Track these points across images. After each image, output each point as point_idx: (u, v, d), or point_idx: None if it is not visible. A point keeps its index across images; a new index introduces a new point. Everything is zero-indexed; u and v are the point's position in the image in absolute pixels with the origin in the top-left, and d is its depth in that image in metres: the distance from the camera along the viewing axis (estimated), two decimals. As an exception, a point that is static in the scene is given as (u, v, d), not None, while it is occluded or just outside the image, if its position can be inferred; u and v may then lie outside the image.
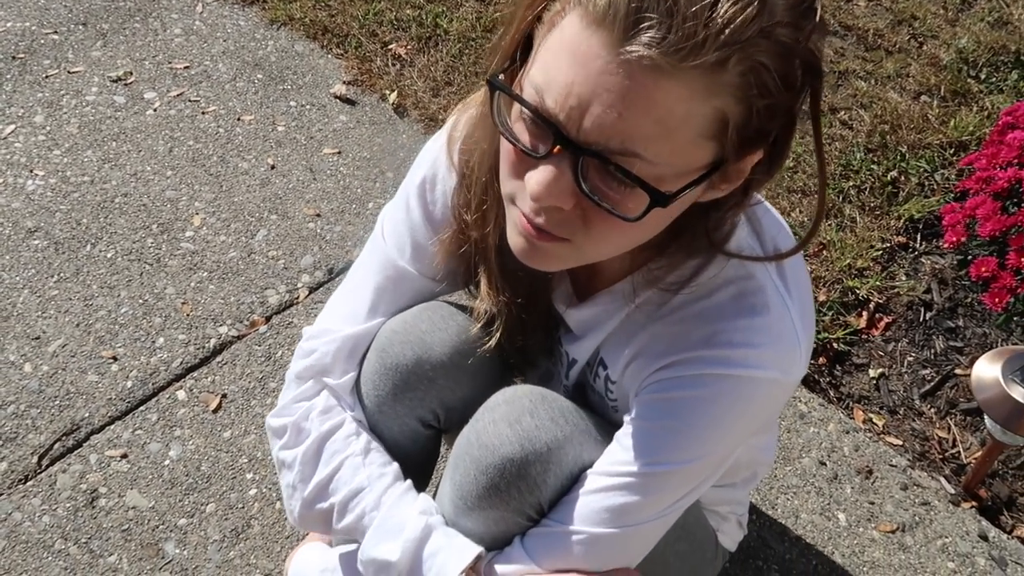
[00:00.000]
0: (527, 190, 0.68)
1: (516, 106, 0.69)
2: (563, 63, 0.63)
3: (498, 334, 0.96)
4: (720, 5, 0.57)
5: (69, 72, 2.48)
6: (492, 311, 0.95)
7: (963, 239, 1.72)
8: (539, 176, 0.67)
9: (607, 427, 0.89)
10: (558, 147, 0.65)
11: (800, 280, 0.83)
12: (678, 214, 0.73)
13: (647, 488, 0.83)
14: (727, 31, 0.57)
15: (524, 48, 0.71)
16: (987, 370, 1.45)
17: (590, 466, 0.88)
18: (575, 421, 0.89)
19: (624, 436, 0.85)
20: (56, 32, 2.62)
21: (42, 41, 2.58)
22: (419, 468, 1.14)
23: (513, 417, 0.86)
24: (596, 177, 0.66)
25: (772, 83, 0.61)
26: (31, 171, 2.17)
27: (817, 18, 0.63)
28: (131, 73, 2.49)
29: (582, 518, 0.85)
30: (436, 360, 0.98)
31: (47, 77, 2.46)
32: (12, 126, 2.29)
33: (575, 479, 0.87)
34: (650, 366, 0.84)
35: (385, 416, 1.01)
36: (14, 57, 2.51)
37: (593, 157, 0.64)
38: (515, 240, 0.75)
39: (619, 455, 0.85)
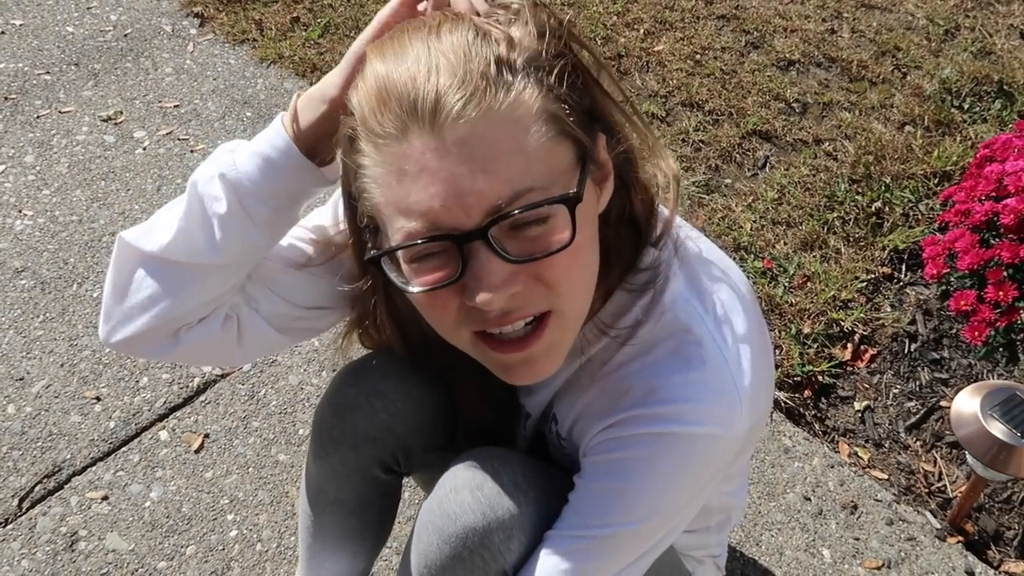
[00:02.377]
0: (481, 304, 0.67)
1: (405, 265, 0.71)
2: (408, 187, 0.66)
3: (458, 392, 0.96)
4: (475, 50, 0.65)
5: (60, 112, 2.51)
6: (443, 365, 0.94)
7: (944, 271, 1.72)
8: (476, 284, 0.67)
9: (569, 484, 0.89)
10: (465, 247, 0.66)
11: (742, 328, 0.82)
12: (598, 228, 0.75)
13: (600, 550, 0.83)
14: (495, 66, 0.66)
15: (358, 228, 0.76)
16: (967, 405, 1.44)
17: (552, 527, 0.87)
18: (539, 483, 0.88)
19: (575, 498, 0.85)
20: (48, 72, 2.65)
21: (34, 81, 2.61)
22: (383, 513, 1.13)
23: (475, 484, 0.86)
24: (513, 241, 0.68)
25: (547, 64, 0.69)
26: (20, 211, 2.18)
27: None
28: (121, 112, 2.52)
29: None
30: (392, 407, 0.98)
31: (38, 117, 2.48)
32: (2, 166, 2.31)
33: (539, 542, 0.87)
34: (594, 426, 0.84)
35: (347, 467, 1.01)
36: (6, 97, 2.54)
37: (500, 222, 0.65)
38: (501, 370, 0.76)
39: (572, 518, 0.85)
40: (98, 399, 1.76)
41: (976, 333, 1.58)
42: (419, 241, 0.67)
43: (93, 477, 1.63)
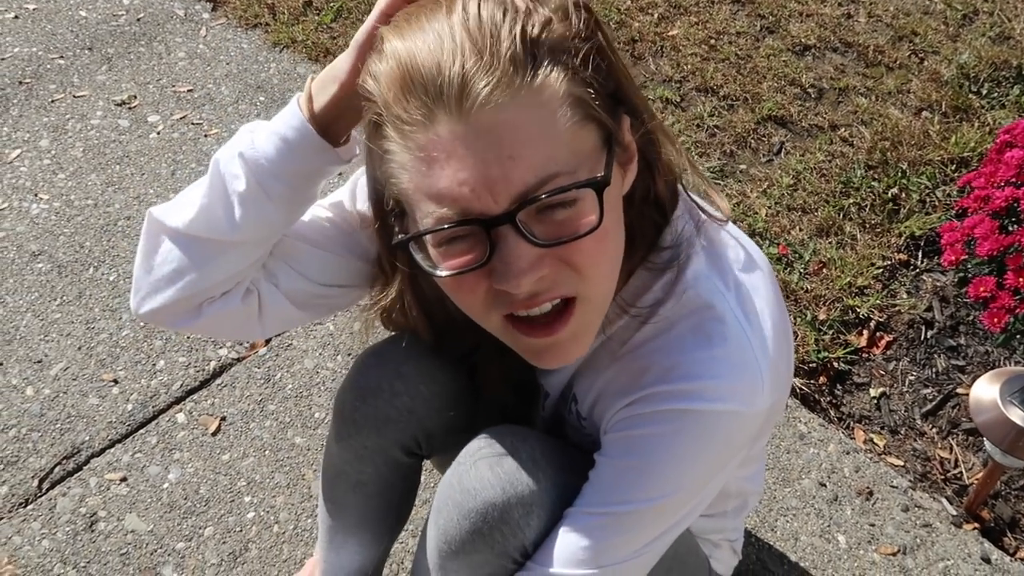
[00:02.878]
0: (510, 285, 0.68)
1: (432, 249, 0.71)
2: (436, 172, 0.66)
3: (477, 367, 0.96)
4: (502, 32, 0.64)
5: (74, 96, 2.51)
6: (467, 346, 0.95)
7: (962, 258, 1.71)
8: (504, 268, 0.67)
9: (588, 463, 0.89)
10: (493, 231, 0.66)
11: (764, 307, 0.82)
12: (622, 209, 0.75)
13: (620, 527, 0.83)
14: (519, 26, 0.65)
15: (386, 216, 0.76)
16: (985, 392, 1.44)
17: (572, 503, 0.87)
18: (558, 461, 0.89)
19: (595, 476, 0.85)
20: (62, 57, 2.65)
21: (48, 66, 2.61)
22: (404, 496, 1.14)
23: (495, 459, 0.86)
24: (541, 225, 0.68)
25: (576, 44, 0.68)
26: (36, 195, 2.19)
27: None
28: (135, 97, 2.52)
29: (562, 560, 0.84)
30: (414, 390, 0.98)
31: (53, 101, 2.49)
32: (18, 150, 2.32)
33: (558, 519, 0.87)
34: (615, 404, 0.84)
35: (368, 450, 1.02)
36: (21, 82, 2.54)
37: (528, 206, 0.65)
38: (531, 354, 0.77)
39: (592, 495, 0.85)
40: (115, 382, 1.77)
41: (995, 320, 1.57)
42: (447, 226, 0.67)
43: (111, 459, 1.64)
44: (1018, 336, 1.65)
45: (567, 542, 0.85)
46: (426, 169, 0.66)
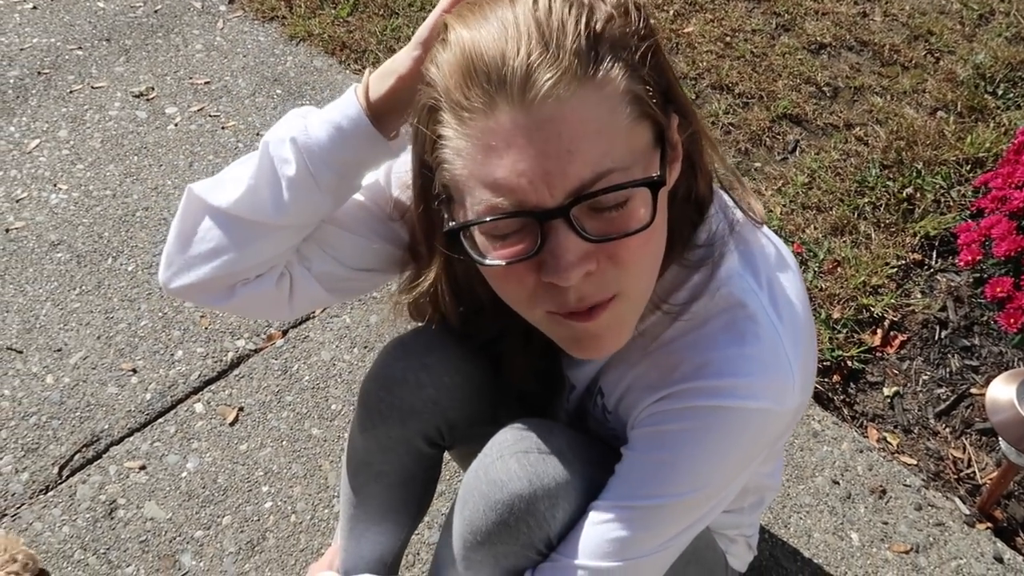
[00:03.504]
0: (557, 280, 0.68)
1: (480, 237, 0.71)
2: (493, 160, 0.66)
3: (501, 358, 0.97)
4: (567, 25, 0.65)
5: (93, 87, 2.53)
6: (493, 333, 0.95)
7: (978, 258, 1.72)
8: (554, 261, 0.68)
9: (613, 456, 0.90)
10: (546, 224, 0.67)
11: (795, 306, 0.83)
12: (667, 208, 0.76)
13: (646, 521, 0.84)
14: (584, 20, 0.65)
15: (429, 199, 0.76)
16: (1002, 391, 1.44)
17: (597, 497, 0.88)
18: (583, 454, 0.89)
19: (622, 469, 0.86)
20: (80, 48, 2.67)
21: (67, 57, 2.63)
22: (426, 486, 1.15)
23: (521, 452, 0.87)
24: (593, 221, 0.68)
25: (634, 41, 0.69)
26: (55, 185, 2.21)
27: None
28: (153, 88, 2.53)
29: (587, 552, 0.85)
30: (438, 381, 1.00)
31: (71, 92, 2.50)
32: (37, 140, 2.34)
33: (583, 512, 0.88)
34: (644, 399, 0.85)
35: (392, 440, 1.03)
36: (39, 72, 2.56)
37: (581, 202, 0.66)
38: (569, 344, 0.77)
39: (619, 488, 0.86)
40: (134, 371, 1.79)
41: (1011, 320, 1.57)
42: (502, 215, 0.67)
43: (131, 447, 1.66)
44: (1034, 337, 1.65)
45: (592, 535, 0.86)
46: (483, 157, 0.67)
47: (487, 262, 0.71)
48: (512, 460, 0.87)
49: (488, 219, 0.68)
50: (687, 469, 0.82)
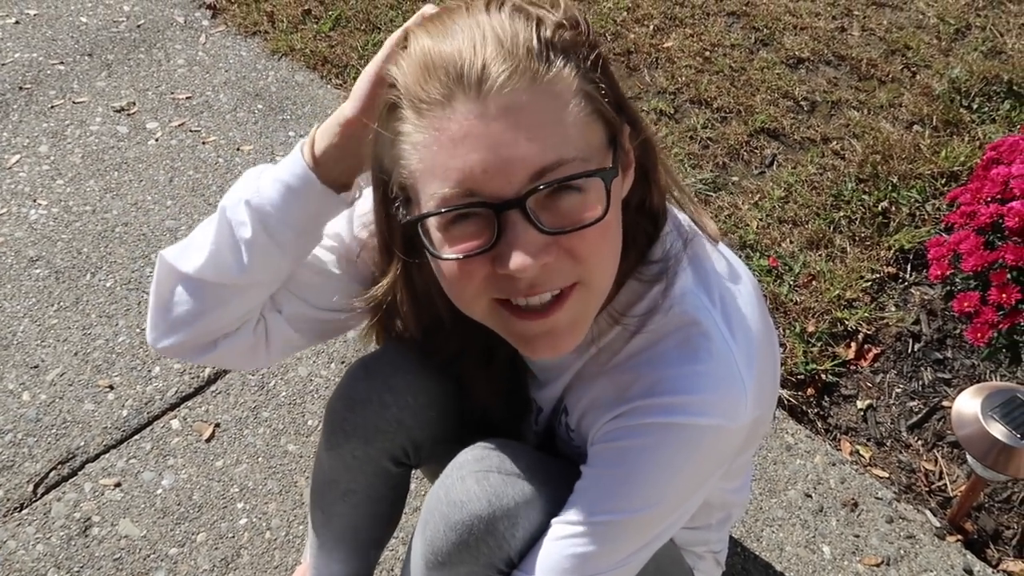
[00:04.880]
0: (513, 270, 0.69)
1: (434, 231, 0.72)
2: (450, 153, 0.68)
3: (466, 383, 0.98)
4: (520, 31, 0.68)
5: (74, 102, 2.53)
6: (453, 350, 0.96)
7: (948, 272, 1.74)
8: (510, 251, 0.68)
9: (575, 475, 0.91)
10: (502, 215, 0.68)
11: (748, 322, 0.84)
12: (619, 215, 0.78)
13: (604, 537, 0.85)
14: (536, 23, 0.69)
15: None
16: (967, 406, 1.46)
17: (557, 515, 0.89)
18: (543, 474, 0.90)
19: (580, 487, 0.87)
20: (62, 63, 2.67)
21: (48, 72, 2.64)
22: (393, 504, 1.16)
23: (481, 473, 0.88)
24: (547, 213, 0.70)
25: (584, 48, 0.72)
26: (34, 200, 2.21)
27: None
28: (134, 103, 2.54)
29: (546, 569, 0.86)
30: (402, 401, 1.01)
31: (52, 107, 2.51)
32: (17, 156, 2.34)
33: (544, 530, 0.89)
34: (602, 417, 0.86)
35: (358, 460, 1.04)
36: (21, 87, 2.56)
37: (537, 192, 0.67)
38: (530, 344, 0.77)
39: (577, 505, 0.87)
40: (111, 388, 1.79)
41: (979, 335, 1.59)
42: (457, 207, 0.69)
43: (106, 464, 1.66)
44: (1003, 350, 1.67)
45: (552, 551, 0.87)
46: (439, 148, 0.68)
47: (443, 256, 0.72)
48: (472, 481, 0.88)
49: (443, 210, 0.69)
50: (642, 485, 0.83)
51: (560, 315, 0.74)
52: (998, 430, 1.40)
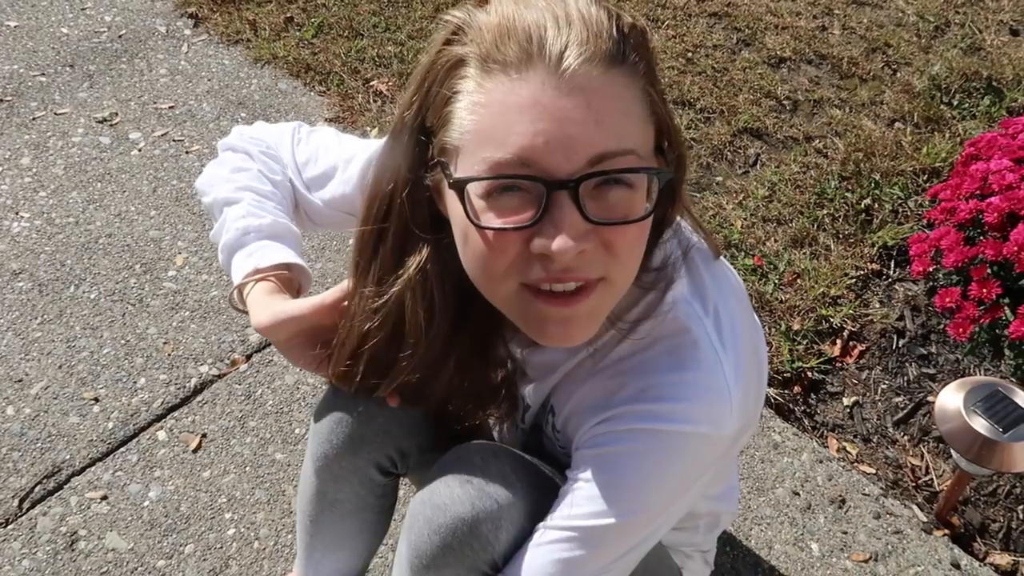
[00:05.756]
0: (552, 250, 0.67)
1: (473, 201, 0.70)
2: (515, 119, 0.66)
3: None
4: (602, 19, 0.69)
5: (56, 114, 2.52)
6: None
7: (930, 269, 1.75)
8: (553, 231, 0.67)
9: (560, 477, 0.91)
10: (553, 194, 0.67)
11: (739, 334, 0.84)
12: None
13: (588, 542, 0.85)
14: (613, 20, 0.70)
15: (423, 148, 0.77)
16: (950, 401, 1.47)
17: (542, 519, 0.89)
18: (526, 476, 0.91)
19: (566, 490, 0.87)
20: (43, 74, 2.66)
21: (29, 83, 2.62)
22: (381, 513, 1.16)
23: (465, 476, 0.88)
24: (594, 203, 0.69)
25: (647, 56, 0.73)
26: (16, 213, 2.20)
27: None
28: (117, 114, 2.53)
29: (532, 572, 0.86)
30: (388, 411, 1.00)
31: (34, 119, 2.50)
32: (-1, 169, 2.33)
33: (528, 533, 0.89)
34: (589, 420, 0.86)
35: (344, 470, 1.03)
36: (2, 99, 2.55)
37: (593, 177, 0.67)
38: (536, 326, 0.75)
39: (562, 509, 0.87)
40: (96, 400, 1.78)
41: (960, 330, 1.61)
42: (510, 175, 0.67)
43: (92, 477, 1.65)
44: (985, 344, 1.69)
45: (537, 556, 0.87)
46: (502, 112, 0.67)
47: (483, 224, 0.70)
48: (455, 484, 0.88)
49: (497, 176, 0.67)
50: (627, 490, 0.83)
51: (581, 307, 0.73)
52: (981, 424, 1.41)
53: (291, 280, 0.99)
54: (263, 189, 1.03)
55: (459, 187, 0.70)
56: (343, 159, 1.04)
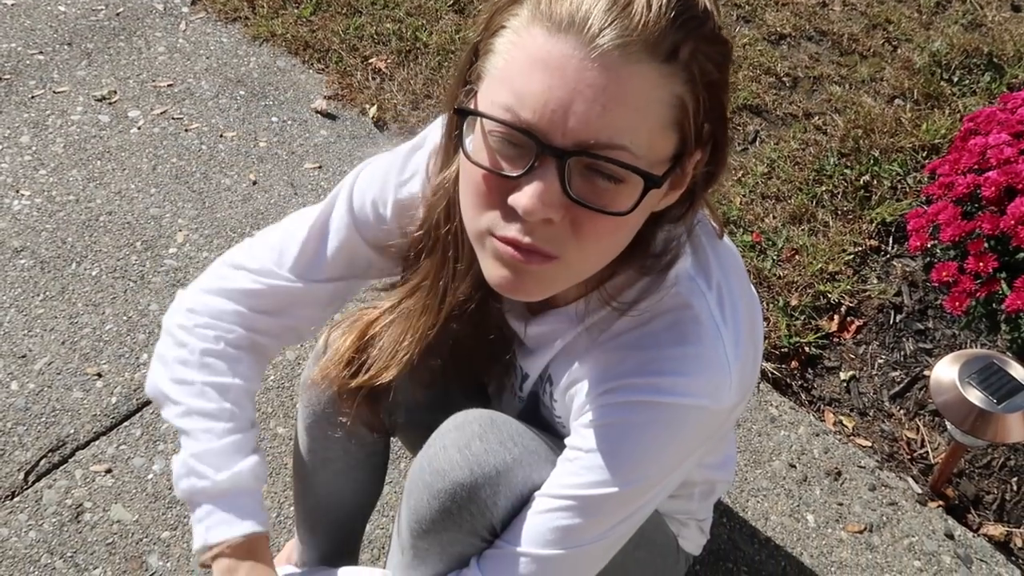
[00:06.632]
0: (520, 207, 0.69)
1: (480, 136, 0.72)
2: (535, 74, 0.67)
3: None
4: (666, 13, 0.65)
5: (54, 92, 2.52)
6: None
7: (927, 244, 1.76)
8: (529, 190, 0.68)
9: (557, 446, 0.93)
10: (542, 157, 0.68)
11: (740, 312, 0.85)
12: (642, 221, 0.77)
13: (587, 510, 0.86)
14: (679, 19, 0.65)
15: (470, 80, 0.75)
16: (946, 373, 1.48)
17: (540, 487, 0.91)
18: (524, 443, 0.92)
19: (565, 460, 0.89)
20: (41, 52, 2.66)
21: (28, 62, 2.62)
22: (373, 472, 1.18)
23: (463, 443, 0.89)
24: (581, 181, 0.69)
25: (709, 67, 0.69)
26: (17, 191, 2.21)
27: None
28: (115, 92, 2.53)
29: (530, 539, 0.88)
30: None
31: (33, 97, 2.50)
32: (-2, 147, 2.33)
33: (526, 499, 0.90)
34: (588, 391, 0.87)
35: (333, 426, 1.05)
36: (0, 78, 2.55)
37: (581, 156, 0.67)
38: (497, 273, 0.76)
39: (561, 478, 0.88)
40: (99, 375, 1.80)
41: (957, 304, 1.61)
42: (512, 125, 0.68)
43: (96, 451, 1.67)
44: (982, 319, 1.70)
45: (535, 523, 0.89)
46: (528, 62, 0.67)
47: (475, 158, 0.72)
48: (454, 450, 0.90)
49: (494, 118, 0.69)
50: (626, 461, 0.85)
51: (530, 267, 0.74)
52: (975, 396, 1.42)
53: (243, 545, 0.94)
54: (208, 409, 0.96)
55: (463, 116, 0.73)
56: (312, 220, 0.99)
